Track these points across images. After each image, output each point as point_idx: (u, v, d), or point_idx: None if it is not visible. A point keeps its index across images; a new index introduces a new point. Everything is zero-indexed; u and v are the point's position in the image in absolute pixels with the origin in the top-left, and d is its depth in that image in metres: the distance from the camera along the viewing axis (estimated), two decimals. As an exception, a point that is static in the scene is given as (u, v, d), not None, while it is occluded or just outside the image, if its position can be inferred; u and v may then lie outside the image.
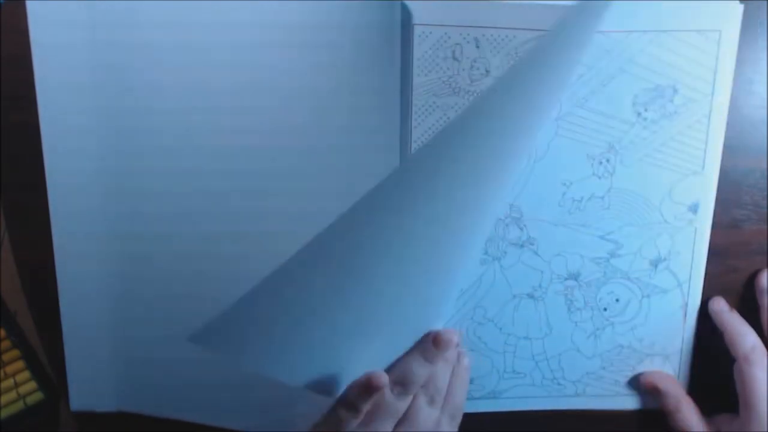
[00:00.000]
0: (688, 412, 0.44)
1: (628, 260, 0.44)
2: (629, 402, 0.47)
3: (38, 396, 0.48)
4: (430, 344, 0.39)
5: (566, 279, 0.44)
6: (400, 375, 0.39)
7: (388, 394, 0.38)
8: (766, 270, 0.44)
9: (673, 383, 0.45)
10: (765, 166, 0.44)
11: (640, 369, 0.45)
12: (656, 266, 0.44)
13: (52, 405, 0.49)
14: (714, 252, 0.44)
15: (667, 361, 0.45)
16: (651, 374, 0.45)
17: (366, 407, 0.37)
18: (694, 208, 0.43)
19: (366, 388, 0.36)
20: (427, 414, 0.40)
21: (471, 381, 0.45)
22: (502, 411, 0.46)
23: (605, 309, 0.44)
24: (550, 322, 0.45)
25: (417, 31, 0.40)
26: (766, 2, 0.42)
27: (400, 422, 0.39)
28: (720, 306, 0.44)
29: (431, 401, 0.40)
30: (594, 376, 0.46)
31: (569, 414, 0.47)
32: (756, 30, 0.42)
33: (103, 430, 0.49)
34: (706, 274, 0.44)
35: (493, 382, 0.46)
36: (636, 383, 0.46)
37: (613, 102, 0.41)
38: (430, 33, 0.40)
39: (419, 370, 0.39)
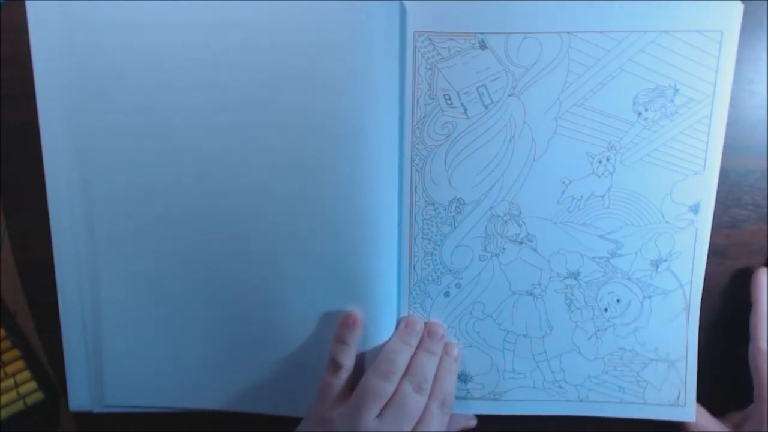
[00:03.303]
0: (701, 418, 0.44)
1: (628, 260, 0.43)
2: (634, 411, 0.45)
3: (38, 396, 0.48)
4: (403, 327, 0.43)
5: (566, 278, 0.44)
6: (381, 356, 0.42)
7: (372, 376, 0.41)
8: (765, 268, 0.44)
9: None
10: (765, 166, 0.44)
11: (644, 375, 0.45)
12: (657, 267, 0.44)
13: (52, 405, 0.49)
14: (714, 252, 0.44)
15: (672, 367, 0.45)
16: None
17: (353, 341, 0.42)
18: (695, 209, 0.43)
19: (345, 322, 0.42)
20: (414, 400, 0.41)
21: (471, 379, 0.46)
22: (505, 414, 0.46)
23: (606, 309, 0.44)
24: (550, 321, 0.44)
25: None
26: (766, 2, 0.42)
27: (387, 406, 0.41)
28: (764, 280, 0.44)
29: (418, 388, 0.42)
30: (596, 381, 0.45)
31: (573, 417, 0.46)
32: (756, 30, 0.42)
33: (103, 430, 0.49)
34: (706, 274, 0.44)
35: (493, 381, 0.46)
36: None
37: (613, 101, 0.41)
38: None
39: (398, 350, 0.43)
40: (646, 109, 0.41)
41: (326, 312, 0.44)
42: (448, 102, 0.41)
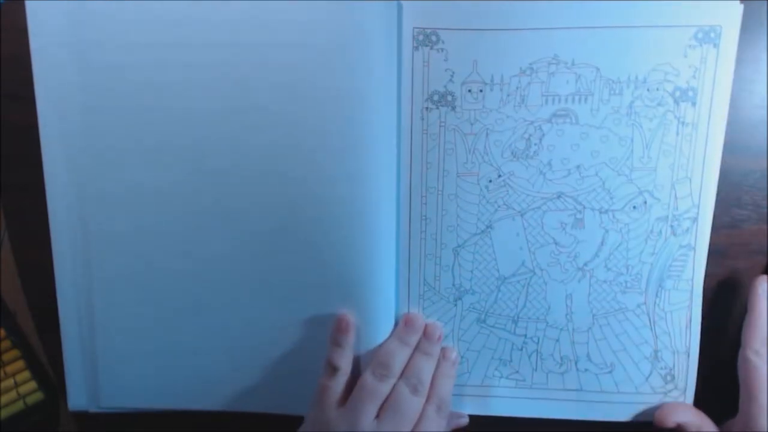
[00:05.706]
0: (697, 419, 0.43)
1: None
2: (634, 415, 0.45)
3: (38, 396, 0.48)
4: (403, 326, 0.43)
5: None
6: (378, 356, 0.42)
7: (369, 376, 0.41)
8: (766, 276, 0.44)
9: (690, 411, 0.44)
10: (765, 166, 0.44)
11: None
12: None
13: (52, 405, 0.49)
14: (714, 252, 0.44)
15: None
16: (664, 410, 0.44)
17: (347, 344, 0.42)
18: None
19: (338, 326, 0.42)
20: (410, 402, 0.41)
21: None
22: (498, 415, 0.46)
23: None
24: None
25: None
26: (766, 2, 0.42)
27: (384, 408, 0.41)
28: (762, 288, 0.43)
29: (414, 391, 0.41)
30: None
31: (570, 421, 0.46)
32: (756, 30, 0.42)
33: (103, 430, 0.49)
34: (706, 274, 0.44)
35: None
36: (650, 417, 0.44)
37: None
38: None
39: (395, 350, 0.42)
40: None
41: (324, 312, 0.44)
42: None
